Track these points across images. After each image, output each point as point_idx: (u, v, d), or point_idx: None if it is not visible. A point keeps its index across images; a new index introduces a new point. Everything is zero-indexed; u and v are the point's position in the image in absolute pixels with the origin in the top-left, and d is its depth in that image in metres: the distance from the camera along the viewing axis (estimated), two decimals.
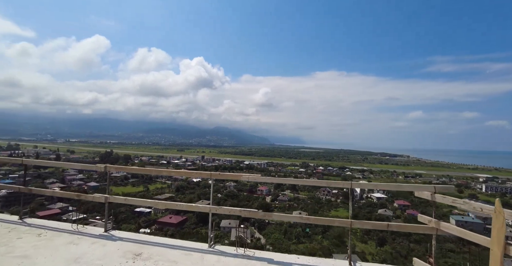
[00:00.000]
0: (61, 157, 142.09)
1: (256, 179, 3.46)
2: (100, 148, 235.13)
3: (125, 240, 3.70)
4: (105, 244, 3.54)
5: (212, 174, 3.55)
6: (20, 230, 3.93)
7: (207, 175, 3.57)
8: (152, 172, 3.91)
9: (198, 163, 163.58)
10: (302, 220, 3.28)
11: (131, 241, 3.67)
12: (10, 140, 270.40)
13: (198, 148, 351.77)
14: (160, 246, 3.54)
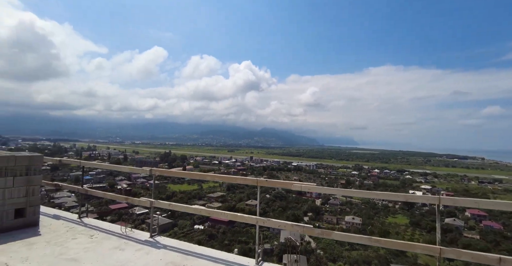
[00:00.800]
0: (128, 157, 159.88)
1: (310, 189, 2.89)
2: (160, 149, 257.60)
3: (169, 248, 3.50)
4: (149, 252, 3.38)
5: (259, 181, 3.10)
6: (76, 230, 4.05)
7: (253, 182, 3.15)
8: (196, 177, 3.65)
9: (246, 164, 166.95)
10: (370, 242, 2.59)
11: (175, 250, 3.45)
12: (89, 142, 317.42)
13: (247, 149, 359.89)
14: (204, 258, 3.23)
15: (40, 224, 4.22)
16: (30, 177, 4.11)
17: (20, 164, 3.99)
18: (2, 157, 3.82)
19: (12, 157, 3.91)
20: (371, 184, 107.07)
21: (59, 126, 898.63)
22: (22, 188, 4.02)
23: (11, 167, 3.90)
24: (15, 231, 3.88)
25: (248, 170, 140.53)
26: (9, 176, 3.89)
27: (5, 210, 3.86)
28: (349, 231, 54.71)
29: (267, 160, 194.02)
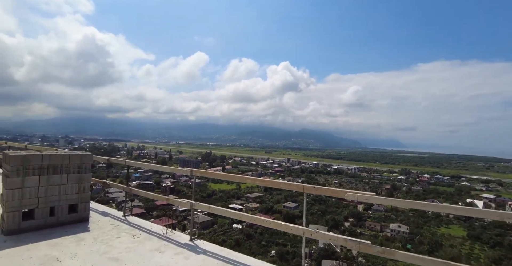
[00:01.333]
0: (172, 156, 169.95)
1: (368, 199, 2.45)
2: (202, 149, 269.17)
3: (208, 254, 3.33)
4: (188, 256, 3.25)
5: (305, 187, 2.76)
6: (121, 229, 4.13)
7: (298, 188, 2.81)
8: (236, 179, 3.45)
9: (284, 165, 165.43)
10: None
11: (215, 256, 3.26)
12: (138, 142, 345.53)
13: (284, 150, 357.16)
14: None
15: (90, 220, 4.40)
16: (82, 175, 4.31)
17: (73, 162, 4.21)
18: (58, 156, 4.06)
19: (66, 156, 4.14)
20: (420, 190, 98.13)
21: (113, 127, 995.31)
22: (74, 185, 4.23)
23: (65, 165, 4.13)
24: (68, 226, 4.08)
25: (286, 171, 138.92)
26: (63, 174, 4.12)
27: (60, 205, 4.09)
28: (394, 240, 50.66)
29: (305, 162, 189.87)
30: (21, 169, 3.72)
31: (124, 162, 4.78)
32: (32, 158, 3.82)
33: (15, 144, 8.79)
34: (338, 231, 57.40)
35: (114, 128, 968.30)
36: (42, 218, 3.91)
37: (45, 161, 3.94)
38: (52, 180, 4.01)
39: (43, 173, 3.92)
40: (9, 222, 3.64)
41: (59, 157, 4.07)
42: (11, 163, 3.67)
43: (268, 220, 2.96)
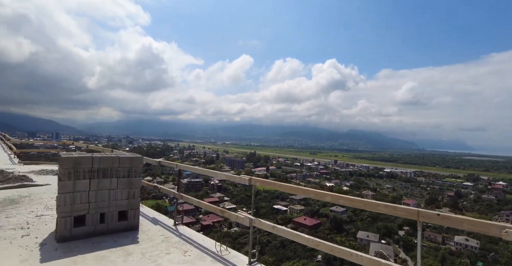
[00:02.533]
0: (219, 156, 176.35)
1: None
2: (246, 149, 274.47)
3: None
4: None
5: (422, 213, 1.84)
6: (171, 241, 3.68)
7: (409, 213, 1.92)
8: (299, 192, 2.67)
9: (330, 167, 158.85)
10: None
11: None
12: (189, 142, 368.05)
13: (331, 151, 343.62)
14: None
15: (140, 228, 4.07)
16: (131, 179, 3.99)
17: (123, 165, 3.91)
18: (108, 158, 3.78)
19: (116, 158, 3.85)
20: (494, 200, 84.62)
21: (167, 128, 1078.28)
22: (124, 190, 3.93)
23: (115, 168, 3.84)
24: (118, 234, 3.78)
25: (332, 174, 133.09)
26: (113, 177, 3.83)
27: (110, 211, 3.80)
28: (460, 255, 44.02)
29: (354, 165, 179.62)
30: (72, 172, 3.50)
31: (176, 165, 4.38)
32: (83, 160, 3.59)
33: (79, 144, 9.34)
34: (391, 240, 52.39)
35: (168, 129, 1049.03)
36: (92, 224, 3.66)
37: (96, 164, 3.68)
38: (102, 184, 3.74)
39: (93, 177, 3.67)
40: (61, 228, 3.43)
41: (109, 159, 3.79)
42: (64, 166, 3.47)
43: (356, 253, 2.11)
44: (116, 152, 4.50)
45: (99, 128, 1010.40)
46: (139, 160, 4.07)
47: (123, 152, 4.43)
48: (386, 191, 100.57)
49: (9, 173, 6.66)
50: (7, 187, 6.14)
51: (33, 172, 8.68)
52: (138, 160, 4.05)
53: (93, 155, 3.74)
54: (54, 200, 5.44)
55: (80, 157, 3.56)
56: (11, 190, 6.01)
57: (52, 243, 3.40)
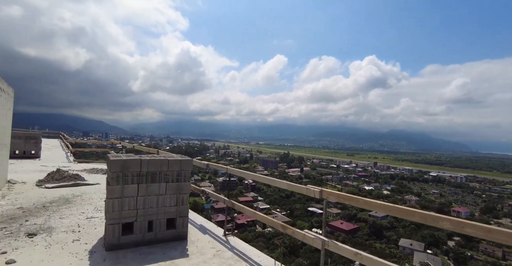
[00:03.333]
0: (253, 155, 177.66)
1: None
2: (280, 149, 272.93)
3: None
4: None
5: None
6: (224, 256, 3.25)
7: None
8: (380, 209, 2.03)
9: (370, 170, 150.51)
10: None
11: None
12: (224, 142, 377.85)
13: (370, 153, 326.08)
14: None
15: (188, 238, 3.72)
16: (181, 183, 3.66)
17: (172, 168, 3.59)
18: (157, 161, 3.48)
19: (165, 161, 3.54)
20: None
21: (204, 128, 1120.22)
22: (173, 196, 3.61)
23: (164, 172, 3.53)
24: (166, 245, 3.47)
25: (372, 177, 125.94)
26: (162, 182, 3.53)
27: (158, 219, 3.51)
28: None
29: (396, 167, 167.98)
30: (120, 176, 3.26)
31: (226, 169, 3.97)
32: (132, 163, 3.32)
33: (126, 144, 9.56)
34: (438, 250, 47.49)
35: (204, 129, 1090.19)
36: (140, 233, 3.38)
37: (144, 167, 3.40)
38: (151, 189, 3.46)
39: (141, 181, 3.40)
40: (110, 235, 3.20)
41: (157, 162, 3.49)
42: (112, 169, 3.23)
43: None
44: (164, 154, 4.23)
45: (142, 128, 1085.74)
46: (188, 163, 3.72)
47: (172, 154, 4.15)
48: (432, 196, 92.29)
49: (65, 171, 6.94)
50: (62, 186, 6.35)
51: (85, 170, 9.08)
52: (187, 163, 3.71)
53: (141, 157, 3.47)
54: (103, 201, 5.42)
55: (128, 160, 3.30)
56: (65, 189, 6.19)
57: (101, 251, 3.18)
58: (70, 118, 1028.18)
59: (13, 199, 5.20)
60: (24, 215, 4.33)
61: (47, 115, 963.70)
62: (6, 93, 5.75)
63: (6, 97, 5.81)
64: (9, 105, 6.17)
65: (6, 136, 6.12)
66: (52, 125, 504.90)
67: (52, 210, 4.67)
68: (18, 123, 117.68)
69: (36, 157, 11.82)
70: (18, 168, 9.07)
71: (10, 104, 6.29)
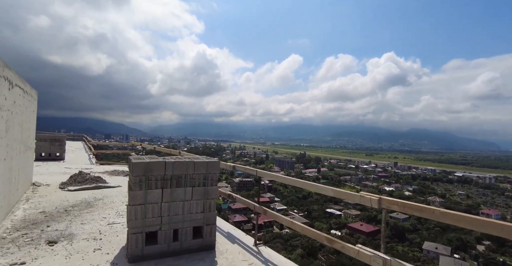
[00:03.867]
0: (269, 156, 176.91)
1: None
2: (295, 150, 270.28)
3: None
4: None
5: None
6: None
7: None
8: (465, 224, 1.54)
9: (390, 170, 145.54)
10: None
11: None
12: (240, 142, 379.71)
13: (389, 153, 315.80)
14: None
15: (216, 248, 3.37)
16: (207, 188, 3.32)
17: (198, 171, 3.26)
18: (182, 163, 3.16)
19: (190, 163, 3.21)
20: None
21: (220, 129, 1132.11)
22: (199, 201, 3.27)
23: (190, 175, 3.20)
24: (192, 257, 3.13)
25: (392, 177, 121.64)
26: (188, 186, 3.20)
27: (184, 227, 3.18)
28: None
29: (417, 168, 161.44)
30: (143, 180, 2.96)
31: (256, 171, 3.60)
32: (155, 166, 3.01)
33: (147, 146, 9.45)
34: (467, 255, 44.67)
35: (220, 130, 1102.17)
36: (165, 243, 3.07)
37: (168, 170, 3.09)
38: (176, 194, 3.14)
39: (166, 186, 3.08)
40: (132, 246, 2.91)
41: (183, 165, 3.17)
42: (134, 172, 2.94)
43: None
44: (186, 155, 3.91)
45: (161, 130, 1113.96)
46: (215, 165, 3.37)
47: (196, 155, 3.82)
48: (458, 198, 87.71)
49: (87, 174, 6.85)
50: (84, 188, 6.24)
51: (107, 172, 9.04)
52: (214, 165, 3.36)
53: (165, 159, 3.17)
54: (124, 205, 5.21)
55: (151, 163, 3.00)
56: (87, 192, 6.07)
57: (123, 262, 2.89)
58: (92, 121, 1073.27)
59: (36, 203, 5.10)
60: (46, 220, 4.17)
61: (72, 119, 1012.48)
62: (30, 95, 5.70)
63: (30, 99, 5.76)
64: (33, 107, 6.14)
65: (30, 138, 6.08)
66: (77, 128, 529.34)
67: (73, 214, 4.49)
68: (46, 127, 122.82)
69: (61, 159, 12.03)
70: (43, 170, 9.17)
71: (34, 106, 6.26)
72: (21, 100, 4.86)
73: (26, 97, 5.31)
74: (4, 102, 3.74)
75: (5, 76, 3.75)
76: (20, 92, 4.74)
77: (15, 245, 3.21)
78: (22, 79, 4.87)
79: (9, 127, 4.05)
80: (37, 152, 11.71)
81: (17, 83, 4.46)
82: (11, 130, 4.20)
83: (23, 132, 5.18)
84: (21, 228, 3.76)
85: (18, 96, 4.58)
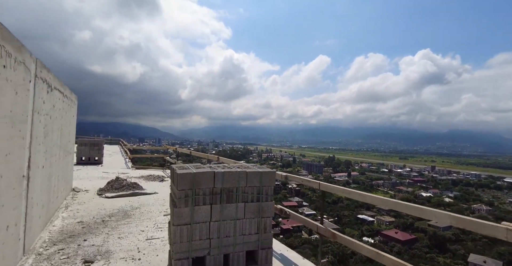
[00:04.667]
0: (296, 159, 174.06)
1: None
2: (324, 153, 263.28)
3: None
4: None
5: None
6: None
7: None
8: None
9: (426, 175, 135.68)
10: None
11: None
12: (266, 145, 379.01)
13: (426, 156, 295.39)
14: None
15: None
16: (262, 203, 2.75)
17: (251, 184, 2.70)
18: (233, 174, 2.62)
19: (243, 174, 2.66)
20: None
21: (247, 133, 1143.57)
22: (253, 220, 2.70)
23: (242, 189, 2.66)
24: None
25: (429, 182, 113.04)
26: (239, 202, 2.65)
27: (236, 251, 2.63)
28: None
29: (458, 172, 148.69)
30: (190, 195, 2.46)
31: (318, 184, 2.97)
32: (203, 178, 2.50)
33: (183, 150, 9.20)
34: None
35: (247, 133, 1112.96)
36: None
37: (218, 183, 2.56)
38: (226, 212, 2.60)
39: (215, 201, 2.56)
40: None
41: (234, 176, 2.63)
42: (179, 185, 2.45)
43: None
44: (236, 164, 3.38)
45: (191, 133, 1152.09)
46: (270, 176, 2.78)
47: (246, 164, 3.27)
48: (508, 206, 78.87)
49: (123, 180, 6.69)
50: (121, 195, 6.04)
51: (143, 177, 8.93)
52: (269, 176, 2.78)
53: (213, 169, 2.65)
54: (162, 215, 4.84)
55: (199, 174, 2.49)
56: (124, 199, 5.84)
57: None
58: (128, 126, 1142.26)
59: (75, 211, 4.92)
60: (83, 232, 3.88)
61: (111, 124, 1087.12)
62: (69, 99, 5.62)
63: (70, 104, 5.68)
64: (72, 112, 6.07)
65: (70, 143, 6.00)
66: (114, 133, 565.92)
67: (111, 226, 4.18)
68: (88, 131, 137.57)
69: (99, 163, 12.32)
70: (83, 174, 9.31)
71: (73, 110, 6.21)
72: (61, 104, 4.70)
73: (66, 101, 5.19)
74: (42, 106, 3.51)
75: (43, 78, 3.52)
76: (60, 96, 4.59)
77: (50, 263, 2.89)
78: (61, 82, 4.72)
79: (48, 132, 3.84)
80: (78, 156, 12.08)
81: (56, 86, 4.28)
82: (50, 135, 3.99)
83: (63, 137, 5.04)
84: (58, 242, 3.48)
85: (57, 100, 4.41)
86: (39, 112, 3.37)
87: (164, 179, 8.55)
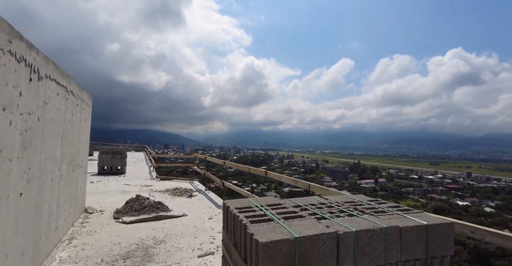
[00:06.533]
0: (319, 165, 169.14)
1: None
2: (348, 159, 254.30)
3: None
4: None
5: None
6: None
7: None
8: None
9: (461, 181, 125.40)
10: None
11: None
12: (288, 151, 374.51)
13: (460, 161, 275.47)
14: None
15: None
16: None
17: (409, 255, 1.18)
18: (375, 233, 1.12)
19: (394, 231, 1.16)
20: None
21: (268, 138, 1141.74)
22: None
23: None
24: None
25: (466, 190, 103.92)
26: None
27: None
28: None
29: (500, 179, 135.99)
30: None
31: None
32: (316, 250, 1.04)
33: (216, 160, 7.84)
34: None
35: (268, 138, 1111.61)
36: None
37: (346, 260, 1.08)
38: None
39: None
40: None
41: (376, 237, 1.13)
42: (262, 263, 1.03)
43: None
44: (331, 190, 1.87)
45: (213, 139, 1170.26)
46: (446, 234, 1.25)
47: (351, 196, 1.75)
48: None
49: (145, 199, 5.38)
50: (142, 220, 4.74)
51: (168, 191, 7.69)
52: (443, 232, 1.25)
53: (332, 227, 1.17)
54: (195, 253, 3.42)
55: (306, 240, 1.03)
56: (145, 229, 4.47)
57: None
58: (153, 133, 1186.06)
59: (80, 247, 3.63)
60: None
61: (137, 131, 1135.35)
62: (78, 98, 4.47)
63: (79, 104, 4.52)
64: (84, 115, 4.93)
65: (81, 153, 4.80)
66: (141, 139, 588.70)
67: None
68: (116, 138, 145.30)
69: (122, 173, 11.35)
70: (102, 187, 8.25)
71: (86, 113, 5.08)
72: (61, 103, 3.47)
73: (71, 100, 3.98)
74: (17, 99, 2.24)
75: (16, 53, 2.26)
76: (58, 90, 3.34)
77: None
78: (64, 72, 3.51)
79: (31, 140, 2.58)
80: (100, 166, 11.20)
81: (51, 75, 3.04)
82: (37, 145, 2.73)
83: (67, 147, 3.81)
84: None
85: (54, 96, 3.18)
86: (9, 107, 2.10)
87: (192, 195, 7.22)
